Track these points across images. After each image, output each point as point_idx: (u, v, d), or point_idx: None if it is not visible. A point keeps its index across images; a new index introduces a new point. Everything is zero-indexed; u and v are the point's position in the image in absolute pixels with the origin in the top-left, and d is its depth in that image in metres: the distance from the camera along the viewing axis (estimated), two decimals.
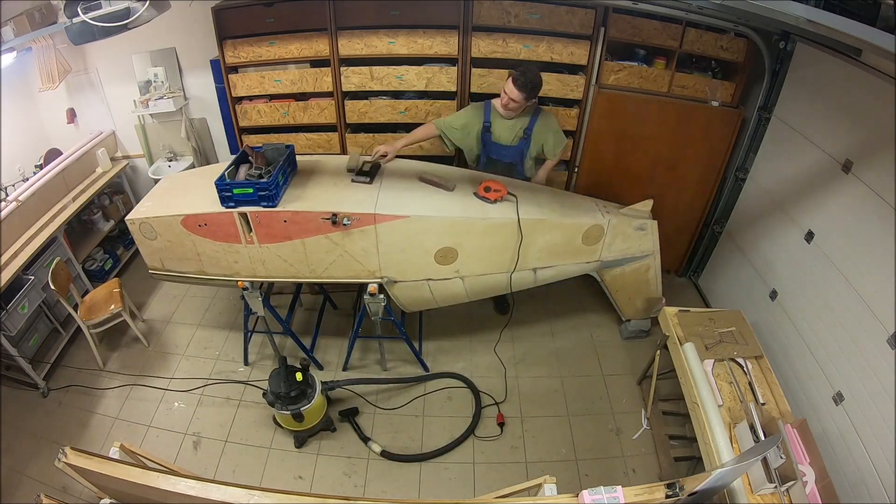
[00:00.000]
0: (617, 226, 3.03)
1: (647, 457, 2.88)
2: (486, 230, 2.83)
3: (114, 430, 3.03)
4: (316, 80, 3.45)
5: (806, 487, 1.94)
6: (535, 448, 2.94)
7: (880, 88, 2.23)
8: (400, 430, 3.02)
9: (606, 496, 1.53)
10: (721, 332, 2.70)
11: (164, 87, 4.02)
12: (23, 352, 3.10)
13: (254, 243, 2.81)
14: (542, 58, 3.26)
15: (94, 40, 2.63)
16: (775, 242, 3.10)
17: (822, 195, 2.69)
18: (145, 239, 2.88)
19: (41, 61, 3.68)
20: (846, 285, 2.43)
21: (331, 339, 3.61)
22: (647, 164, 3.57)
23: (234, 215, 2.71)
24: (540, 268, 3.06)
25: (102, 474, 1.63)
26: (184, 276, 3.03)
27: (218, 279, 2.99)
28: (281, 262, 2.87)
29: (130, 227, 2.85)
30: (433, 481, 2.77)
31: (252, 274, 2.94)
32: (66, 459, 1.65)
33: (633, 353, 3.50)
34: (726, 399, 2.40)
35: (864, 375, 2.27)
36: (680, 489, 1.52)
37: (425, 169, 3.06)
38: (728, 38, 3.09)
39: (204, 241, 2.82)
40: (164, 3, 2.69)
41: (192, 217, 2.74)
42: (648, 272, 3.28)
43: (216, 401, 3.21)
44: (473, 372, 3.37)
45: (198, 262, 2.93)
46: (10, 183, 3.65)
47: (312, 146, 3.73)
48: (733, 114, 3.28)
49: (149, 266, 3.04)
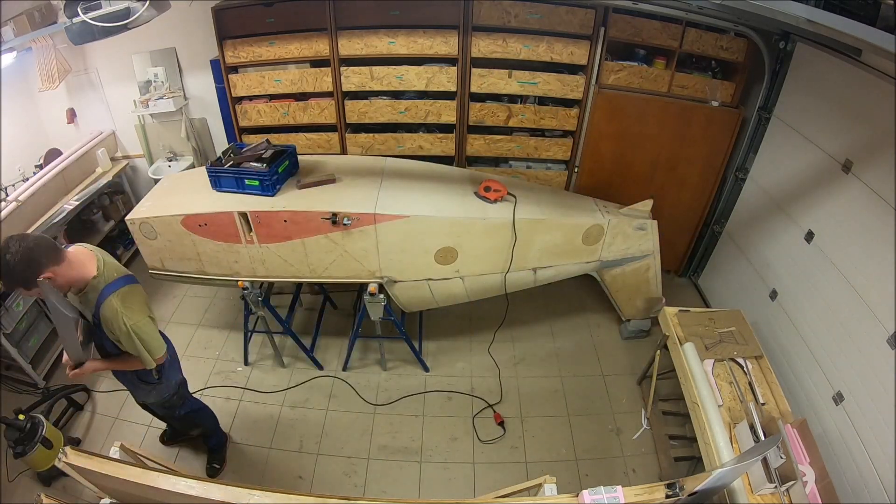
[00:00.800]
0: (617, 226, 3.04)
1: (647, 457, 2.88)
2: (486, 230, 2.83)
3: (114, 430, 3.03)
4: (316, 80, 3.45)
5: (806, 487, 1.94)
6: (535, 448, 2.94)
7: (880, 88, 2.23)
8: (400, 429, 3.02)
9: (606, 496, 1.53)
10: (721, 332, 2.70)
11: (164, 87, 4.01)
12: (23, 352, 3.10)
13: (254, 243, 2.81)
14: (542, 58, 3.26)
15: (94, 40, 2.62)
16: (775, 242, 3.09)
17: (821, 195, 2.69)
18: (145, 239, 2.88)
19: (41, 61, 3.67)
20: (846, 285, 2.43)
21: (331, 339, 3.61)
22: (647, 164, 3.57)
23: (234, 215, 2.71)
24: (540, 268, 3.07)
25: (103, 474, 1.63)
26: (184, 276, 3.03)
27: (218, 279, 2.99)
28: (281, 262, 2.88)
29: (130, 227, 2.85)
30: (433, 481, 2.77)
31: (252, 274, 2.94)
32: (67, 459, 1.65)
33: (633, 353, 3.50)
34: (726, 399, 2.40)
35: (864, 375, 2.27)
36: (680, 489, 1.52)
37: (306, 180, 2.92)
38: (728, 38, 3.09)
39: (204, 240, 2.82)
40: (164, 3, 2.69)
41: (193, 217, 2.75)
42: (648, 272, 3.28)
43: (216, 401, 3.20)
44: (473, 372, 3.37)
45: (198, 261, 2.93)
46: (10, 183, 3.65)
47: (312, 146, 3.73)
48: (733, 114, 3.28)
49: (149, 266, 3.04)
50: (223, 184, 2.85)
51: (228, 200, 2.79)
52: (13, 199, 3.36)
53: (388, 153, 3.67)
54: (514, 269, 2.99)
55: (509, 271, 2.99)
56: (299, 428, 3.04)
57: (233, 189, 2.84)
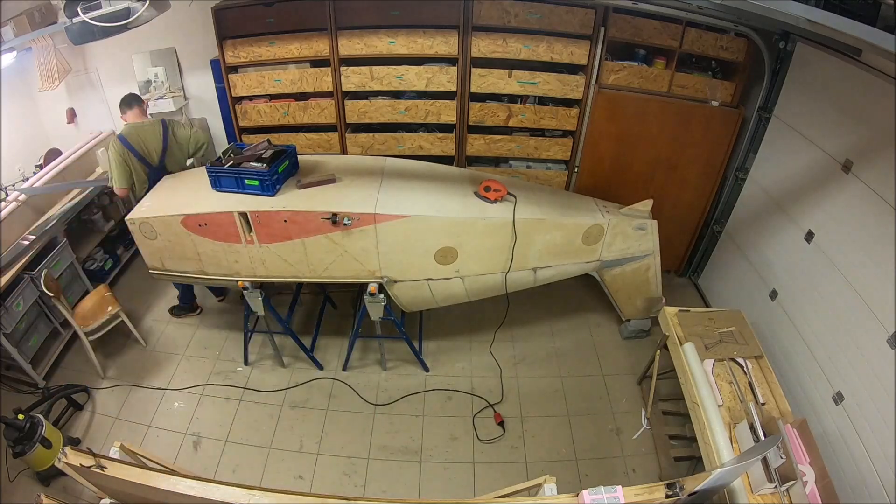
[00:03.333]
0: (617, 225, 3.03)
1: (647, 457, 2.88)
2: (486, 230, 2.83)
3: (114, 430, 3.03)
4: (316, 80, 3.45)
5: (806, 487, 1.94)
6: (535, 448, 2.94)
7: (880, 88, 2.23)
8: (400, 429, 3.02)
9: (606, 496, 1.53)
10: (721, 332, 2.70)
11: (164, 86, 4.02)
12: (23, 352, 3.10)
13: (254, 243, 2.81)
14: (542, 57, 3.26)
15: (94, 40, 2.63)
16: (775, 242, 3.09)
17: (822, 195, 2.69)
18: (145, 239, 2.88)
19: (41, 61, 3.67)
20: (846, 285, 2.43)
21: (331, 339, 3.61)
22: (648, 164, 3.57)
23: (234, 215, 2.71)
24: (540, 268, 3.06)
25: (103, 474, 1.63)
26: (184, 276, 3.03)
27: (218, 279, 2.99)
28: (281, 262, 2.87)
29: (130, 226, 2.85)
30: (433, 481, 2.77)
31: (252, 274, 2.94)
32: (67, 459, 1.65)
33: (633, 353, 3.50)
34: (726, 399, 2.40)
35: (864, 375, 2.27)
36: (680, 489, 1.52)
37: (306, 180, 2.93)
38: (728, 38, 3.09)
39: (204, 240, 2.82)
40: (164, 3, 2.69)
41: (193, 217, 2.74)
42: (648, 272, 3.28)
43: (216, 400, 3.21)
44: (473, 371, 3.37)
45: (198, 261, 2.92)
46: (10, 183, 3.65)
47: (312, 146, 3.73)
48: (733, 114, 3.28)
49: (149, 266, 3.04)
50: (223, 184, 2.85)
51: (229, 200, 2.79)
52: (13, 199, 3.36)
53: (388, 153, 3.67)
54: (515, 268, 2.99)
55: (509, 271, 2.99)
56: (299, 428, 3.04)
57: (233, 189, 2.84)
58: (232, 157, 2.90)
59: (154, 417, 3.11)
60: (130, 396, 3.24)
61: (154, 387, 3.29)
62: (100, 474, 1.62)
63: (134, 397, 3.24)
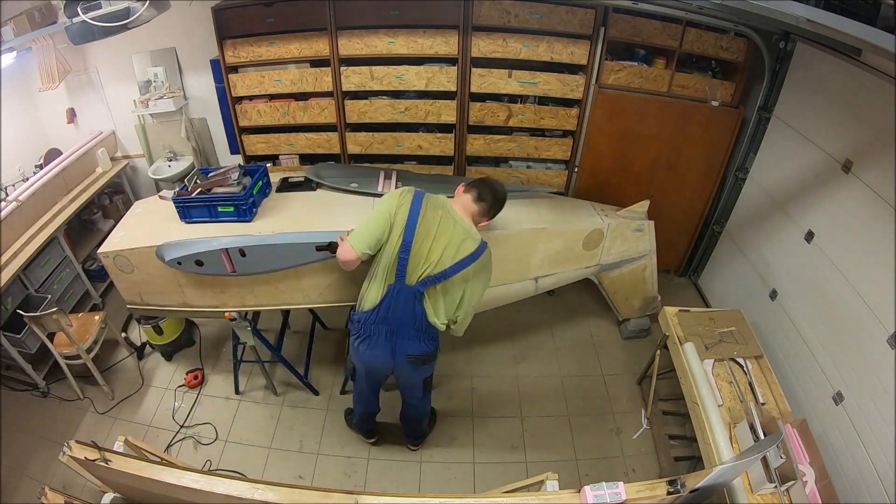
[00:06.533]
0: (616, 228, 3.03)
1: (647, 456, 2.88)
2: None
3: (114, 430, 3.03)
4: (316, 79, 3.45)
5: (806, 487, 1.94)
6: (535, 448, 2.94)
7: (880, 88, 2.23)
8: (400, 429, 3.02)
9: (608, 492, 1.53)
10: (721, 331, 2.70)
11: (164, 86, 4.01)
12: (23, 352, 3.10)
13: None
14: (542, 57, 3.25)
15: (94, 40, 2.63)
16: (775, 242, 3.10)
17: (821, 195, 2.69)
18: (121, 273, 2.58)
19: (41, 61, 3.67)
20: (846, 285, 2.43)
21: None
22: (648, 164, 3.57)
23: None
24: (541, 276, 3.04)
25: (107, 468, 1.63)
26: (166, 310, 2.81)
27: (204, 310, 2.78)
28: (271, 289, 2.67)
29: (104, 260, 2.54)
30: (434, 481, 2.77)
31: (241, 303, 2.71)
32: (71, 453, 1.65)
33: (633, 353, 3.50)
34: (726, 399, 2.40)
35: (864, 375, 2.27)
36: (681, 486, 1.52)
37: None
38: (728, 38, 3.09)
39: (186, 272, 2.55)
40: (164, 3, 2.69)
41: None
42: (645, 272, 3.29)
43: (216, 400, 3.20)
44: (473, 371, 3.37)
45: (180, 294, 2.66)
46: (10, 183, 3.65)
47: (312, 146, 3.73)
48: (733, 114, 3.28)
49: (126, 301, 2.76)
50: (193, 214, 2.55)
51: (205, 230, 2.52)
52: (13, 199, 3.36)
53: (387, 153, 3.67)
54: (516, 279, 2.95)
55: (511, 283, 2.93)
56: (299, 428, 3.04)
57: (205, 218, 2.54)
58: (199, 184, 2.60)
59: (154, 417, 3.11)
60: (130, 397, 3.24)
61: (154, 386, 3.29)
62: (104, 468, 1.62)
63: (134, 397, 3.24)
